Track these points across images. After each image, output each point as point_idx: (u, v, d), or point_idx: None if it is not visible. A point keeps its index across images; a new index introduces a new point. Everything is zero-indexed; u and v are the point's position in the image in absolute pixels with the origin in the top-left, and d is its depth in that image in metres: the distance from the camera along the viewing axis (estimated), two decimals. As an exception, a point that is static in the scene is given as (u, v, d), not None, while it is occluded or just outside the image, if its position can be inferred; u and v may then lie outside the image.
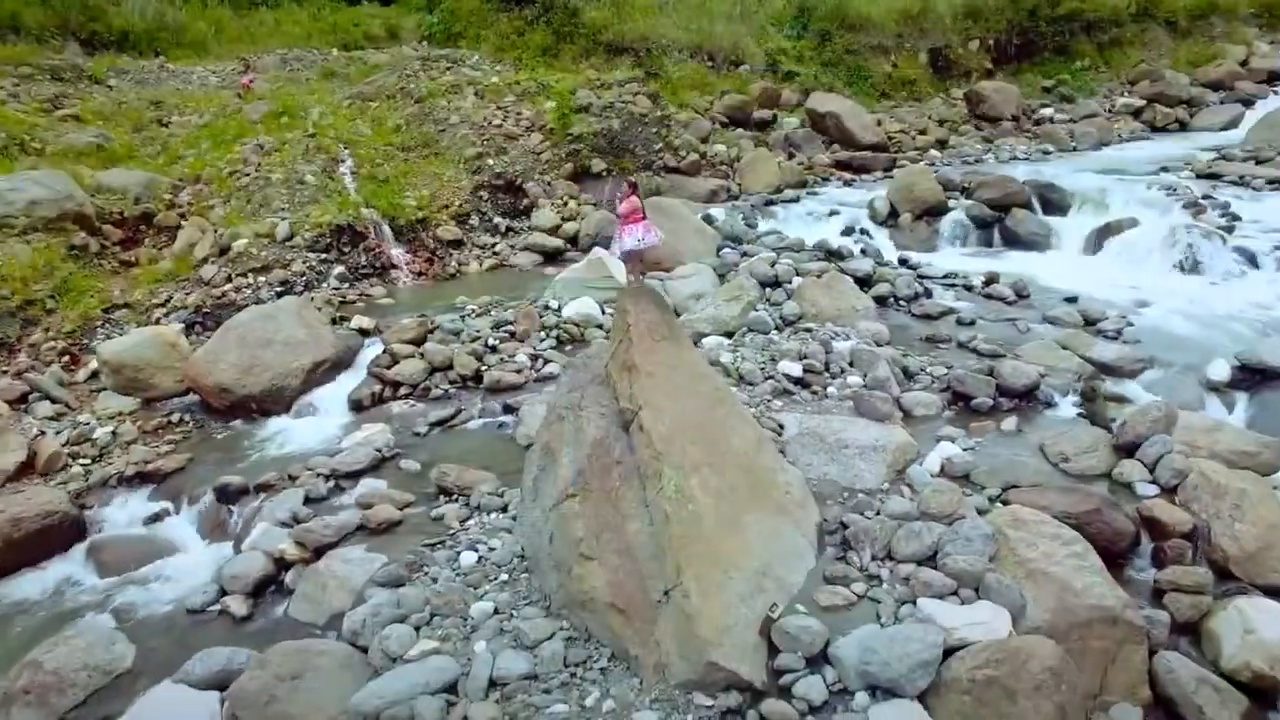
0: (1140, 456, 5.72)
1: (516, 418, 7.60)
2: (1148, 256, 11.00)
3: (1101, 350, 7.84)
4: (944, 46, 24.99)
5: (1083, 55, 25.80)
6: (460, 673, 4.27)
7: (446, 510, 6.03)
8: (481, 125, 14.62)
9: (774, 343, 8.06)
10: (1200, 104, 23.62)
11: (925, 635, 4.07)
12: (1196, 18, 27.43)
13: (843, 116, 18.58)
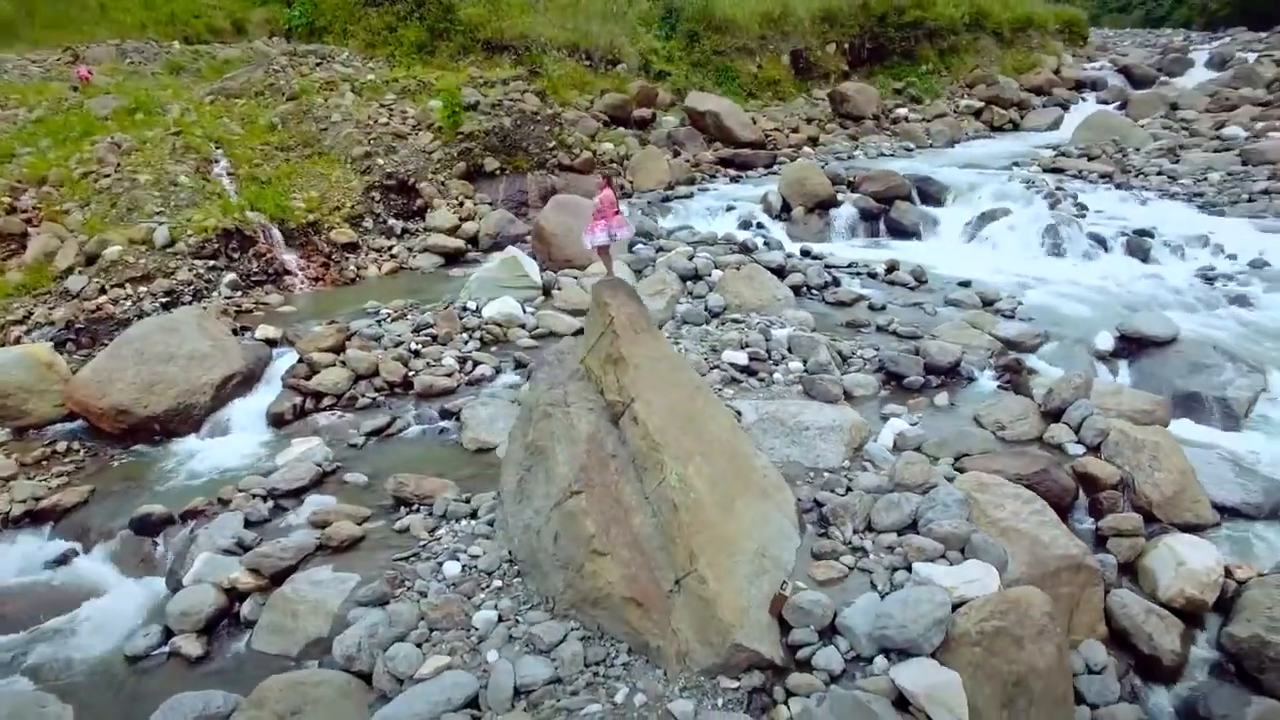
0: (1066, 420, 6.29)
1: (458, 422, 7.35)
2: (1019, 243, 12.08)
3: (1005, 328, 8.53)
4: (804, 49, 26.22)
5: (927, 60, 27.83)
6: (479, 686, 4.09)
7: (411, 521, 5.74)
8: (367, 124, 13.94)
9: (711, 333, 8.21)
10: (1028, 107, 26.10)
11: (933, 596, 4.31)
12: (1017, 30, 30.33)
13: (722, 115, 19.15)
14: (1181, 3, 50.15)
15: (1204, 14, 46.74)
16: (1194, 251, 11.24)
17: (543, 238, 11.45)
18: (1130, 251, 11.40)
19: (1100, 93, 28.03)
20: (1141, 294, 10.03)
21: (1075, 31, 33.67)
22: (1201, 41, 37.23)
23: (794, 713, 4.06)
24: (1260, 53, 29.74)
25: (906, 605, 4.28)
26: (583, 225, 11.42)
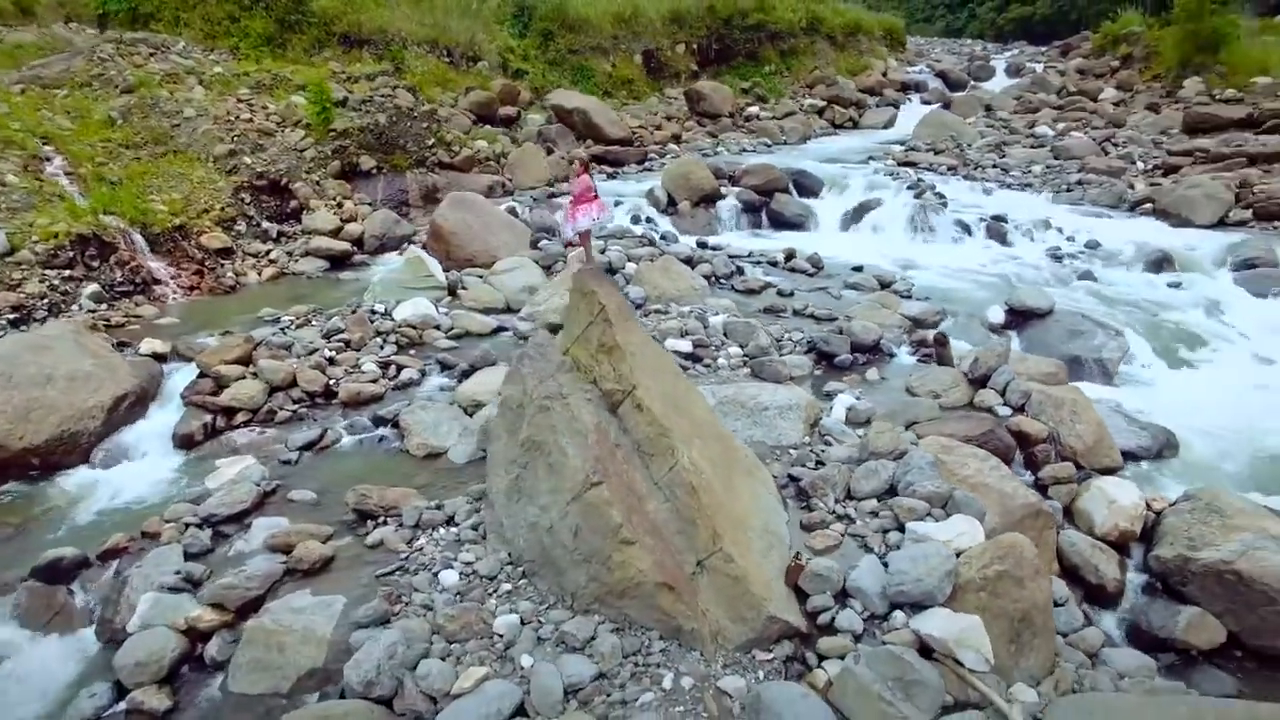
0: (993, 385, 6.87)
1: (396, 429, 6.97)
2: (894, 230, 13.01)
3: (908, 307, 9.17)
4: (655, 49, 26.79)
5: (770, 61, 29.23)
6: (523, 693, 3.93)
7: (383, 535, 5.38)
8: (226, 119, 12.80)
9: (646, 324, 8.25)
10: (865, 106, 28.08)
11: (939, 550, 4.60)
12: (848, 35, 32.55)
13: (590, 113, 19.22)
14: (975, 18, 55.93)
15: (994, 28, 52.30)
16: (1041, 235, 12.58)
17: (441, 237, 11.03)
18: (990, 235, 12.59)
19: (924, 94, 30.63)
20: (1008, 273, 11.13)
21: (895, 38, 36.60)
22: (996, 52, 41.59)
23: (832, 674, 4.19)
24: (1044, 63, 33.75)
25: (917, 561, 4.54)
26: (482, 223, 11.27)
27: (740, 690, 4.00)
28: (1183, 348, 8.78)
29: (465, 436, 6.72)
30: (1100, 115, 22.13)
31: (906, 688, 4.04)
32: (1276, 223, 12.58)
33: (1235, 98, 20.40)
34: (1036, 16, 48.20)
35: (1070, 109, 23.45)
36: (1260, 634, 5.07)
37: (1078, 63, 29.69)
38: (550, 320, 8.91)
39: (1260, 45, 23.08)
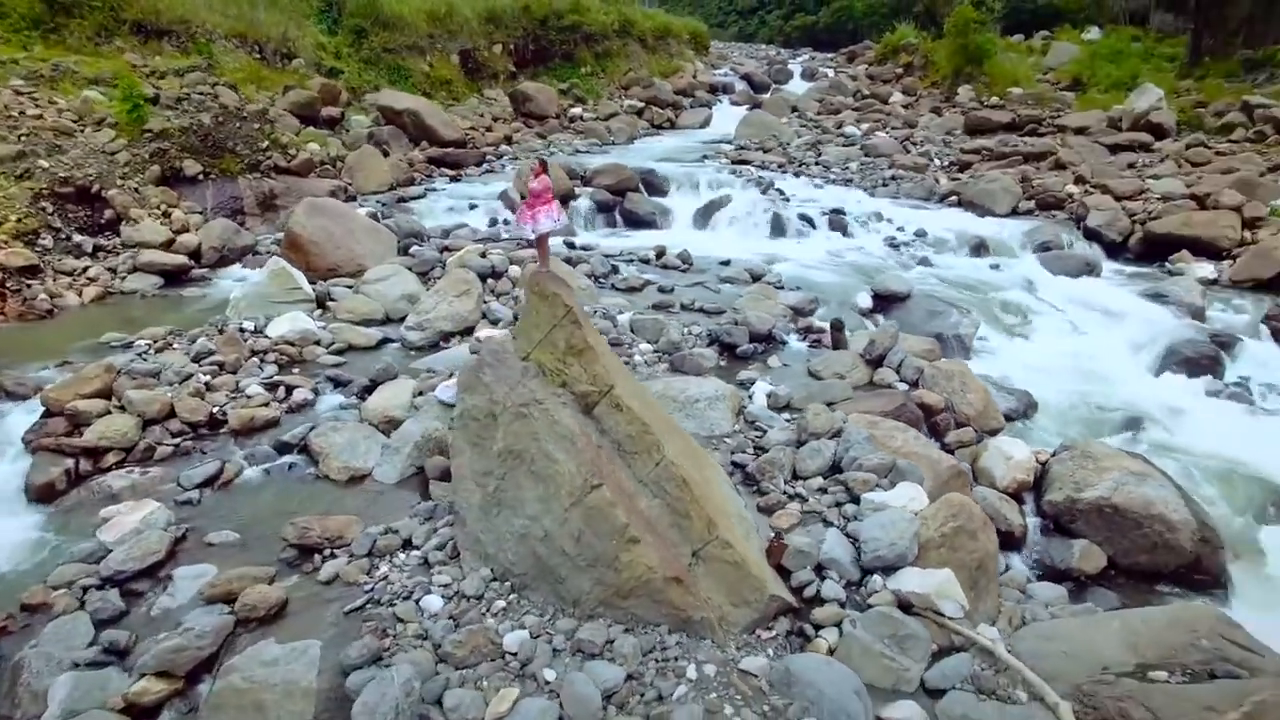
0: (888, 364, 7.52)
1: (307, 455, 6.43)
2: (745, 225, 13.71)
3: (786, 297, 9.74)
4: (472, 49, 26.28)
5: (585, 62, 29.56)
6: (559, 707, 3.83)
7: (337, 568, 4.97)
8: (6, 116, 10.99)
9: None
10: (680, 107, 29.19)
11: (903, 515, 5.01)
12: (659, 38, 33.67)
13: (423, 114, 18.53)
14: (765, 25, 59.87)
15: (781, 34, 56.28)
16: (875, 226, 13.80)
17: (299, 246, 10.21)
18: (832, 228, 13.62)
19: (732, 96, 32.39)
20: (857, 262, 12.12)
21: (700, 42, 38.35)
22: (790, 57, 44.80)
23: (831, 641, 4.45)
24: (835, 68, 36.90)
25: (886, 527, 4.93)
26: (345, 230, 10.60)
27: (763, 668, 4.15)
28: (1015, 321, 10.06)
29: (389, 455, 6.33)
30: (895, 117, 24.59)
31: (900, 642, 4.39)
32: (1054, 211, 14.67)
33: (999, 104, 23.47)
34: (819, 25, 52.57)
35: (868, 111, 25.82)
36: (1130, 554, 5.99)
37: (866, 69, 32.65)
38: (442, 328, 8.61)
39: (1009, 61, 26.66)
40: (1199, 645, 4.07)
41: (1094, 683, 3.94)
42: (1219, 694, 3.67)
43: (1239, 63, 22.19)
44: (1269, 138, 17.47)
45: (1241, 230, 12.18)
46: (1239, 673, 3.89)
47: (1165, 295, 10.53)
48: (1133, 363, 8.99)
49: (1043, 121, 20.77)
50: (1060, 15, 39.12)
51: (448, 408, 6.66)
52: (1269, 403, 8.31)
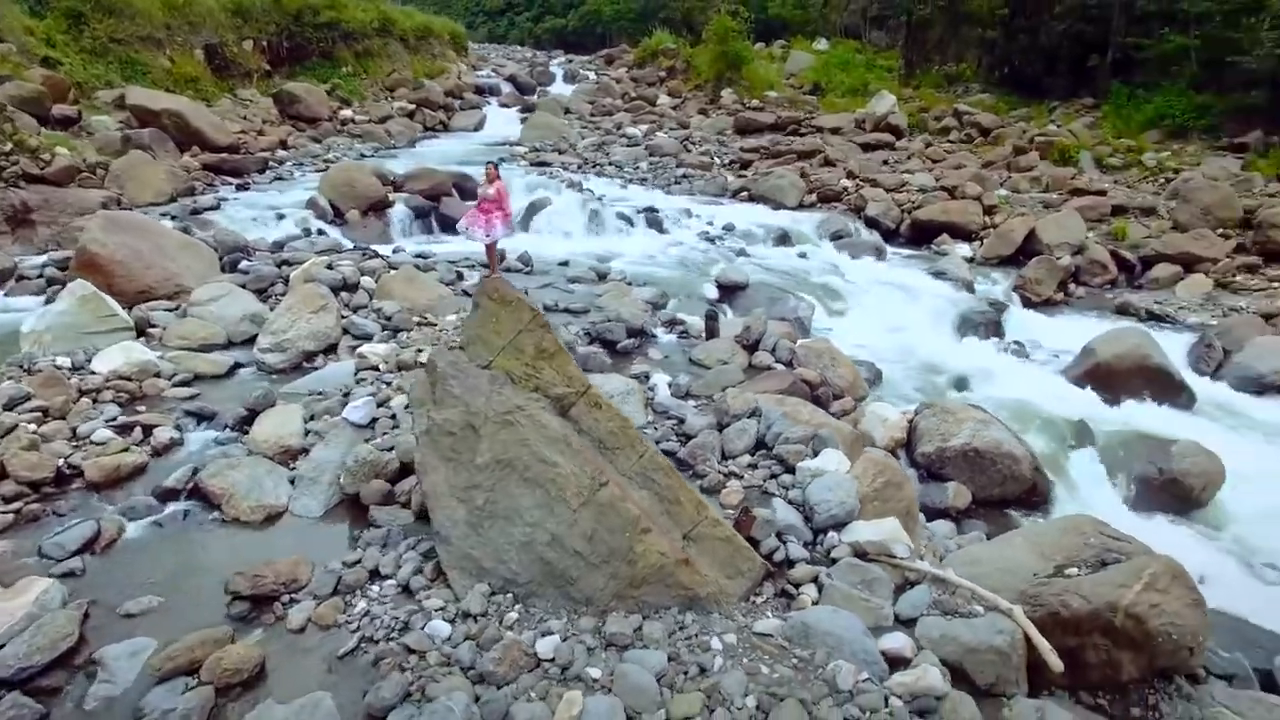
0: (764, 348, 8.22)
1: (202, 500, 5.75)
2: (569, 226, 13.95)
3: (640, 293, 10.17)
4: (220, 44, 23.91)
5: (346, 62, 28.01)
6: (620, 700, 3.91)
7: (308, 614, 4.57)
8: None
9: (439, 333, 7.92)
10: (452, 109, 28.60)
11: (843, 477, 5.63)
12: (420, 37, 32.63)
13: (187, 116, 16.58)
14: (515, 26, 59.96)
15: (532, 36, 56.79)
16: (687, 222, 14.71)
17: (97, 267, 8.81)
18: (650, 225, 14.30)
19: (500, 98, 32.28)
20: (681, 256, 12.87)
21: (458, 43, 37.69)
22: (548, 59, 45.37)
23: (812, 596, 4.94)
24: (595, 71, 38.09)
25: (833, 489, 5.51)
26: (154, 247, 9.43)
27: (776, 628, 4.51)
28: (835, 302, 11.33)
29: (306, 487, 5.85)
30: (667, 118, 26.06)
31: (869, 585, 4.98)
32: (834, 203, 16.58)
33: (759, 107, 25.80)
34: (569, 28, 53.79)
35: (640, 112, 27.10)
36: (987, 488, 7.17)
37: (628, 72, 34.07)
38: (305, 348, 7.99)
39: (763, 67, 29.36)
40: (1090, 544, 5.10)
41: (1034, 586, 4.80)
42: (1123, 573, 4.66)
43: (942, 76, 26.36)
44: (976, 139, 21.03)
45: (984, 216, 14.66)
46: (1121, 558, 4.95)
47: (944, 273, 12.43)
48: (938, 331, 10.57)
49: (801, 123, 23.20)
50: (788, 26, 43.57)
51: (360, 428, 6.30)
52: (1037, 355, 10.21)
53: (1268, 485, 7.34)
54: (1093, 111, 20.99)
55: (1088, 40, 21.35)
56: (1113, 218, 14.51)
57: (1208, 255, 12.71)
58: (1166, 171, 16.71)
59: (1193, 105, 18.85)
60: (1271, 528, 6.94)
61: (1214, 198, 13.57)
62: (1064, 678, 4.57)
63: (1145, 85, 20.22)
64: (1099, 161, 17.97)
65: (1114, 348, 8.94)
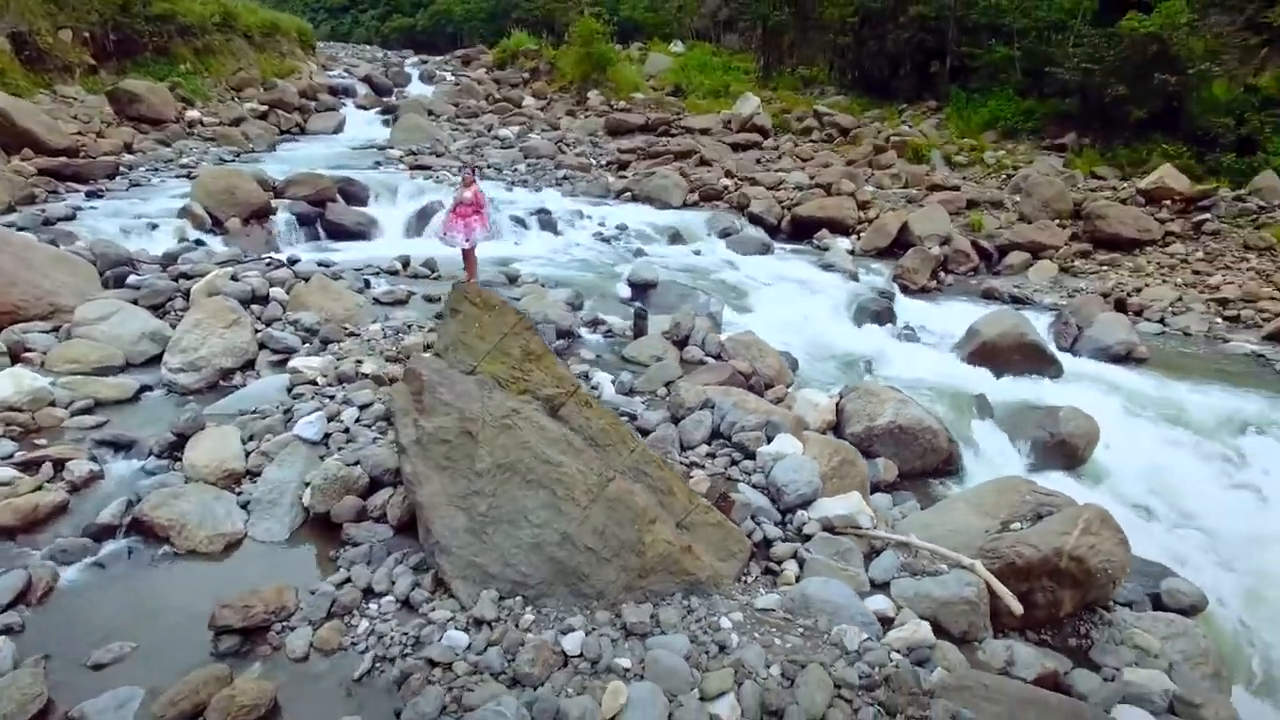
0: (693, 342, 8.53)
1: (146, 536, 5.35)
2: (466, 229, 13.70)
3: (556, 294, 10.22)
4: (29, 32, 21.57)
5: (184, 59, 26.00)
6: (660, 686, 4.05)
7: (308, 640, 4.39)
8: None
9: (375, 344, 7.67)
10: (308, 111, 27.14)
11: (804, 459, 6.01)
12: (266, 34, 30.68)
13: (13, 114, 14.84)
14: (359, 24, 57.40)
15: (379, 35, 54.66)
16: (580, 223, 14.83)
17: (-47, 288, 7.84)
18: (544, 228, 14.31)
19: (357, 99, 30.93)
20: (582, 257, 13.01)
21: (305, 40, 35.71)
22: (402, 59, 43.82)
23: (794, 571, 5.27)
24: (452, 72, 37.25)
25: (798, 471, 5.88)
26: (17, 262, 8.56)
27: (776, 602, 4.81)
28: (740, 297, 11.84)
29: (265, 510, 5.56)
30: (535, 119, 25.97)
31: (844, 555, 5.39)
32: (716, 202, 17.23)
33: (627, 108, 26.23)
34: (418, 27, 52.14)
35: (507, 114, 26.84)
36: (910, 461, 7.79)
37: (494, 74, 33.57)
38: (221, 365, 7.52)
39: (627, 69, 29.85)
40: (1025, 500, 5.74)
41: (989, 541, 5.35)
42: (1062, 522, 5.30)
43: (797, 78, 27.85)
44: (837, 139, 22.43)
45: (859, 211, 15.73)
46: (1054, 509, 5.62)
47: (831, 265, 13.27)
48: (838, 320, 11.29)
49: (671, 124, 23.83)
50: (640, 28, 44.41)
51: (314, 445, 6.04)
52: (927, 339, 11.15)
53: (1131, 441, 8.46)
54: (937, 113, 22.97)
55: (929, 48, 23.33)
56: (968, 211, 16.01)
57: (1051, 243, 14.33)
58: (1006, 169, 18.60)
59: (1020, 109, 21.07)
60: (1139, 476, 8.02)
61: (1051, 192, 15.30)
62: (1018, 619, 5.15)
63: (979, 90, 22.36)
64: (947, 159, 19.72)
65: (996, 328, 9.94)
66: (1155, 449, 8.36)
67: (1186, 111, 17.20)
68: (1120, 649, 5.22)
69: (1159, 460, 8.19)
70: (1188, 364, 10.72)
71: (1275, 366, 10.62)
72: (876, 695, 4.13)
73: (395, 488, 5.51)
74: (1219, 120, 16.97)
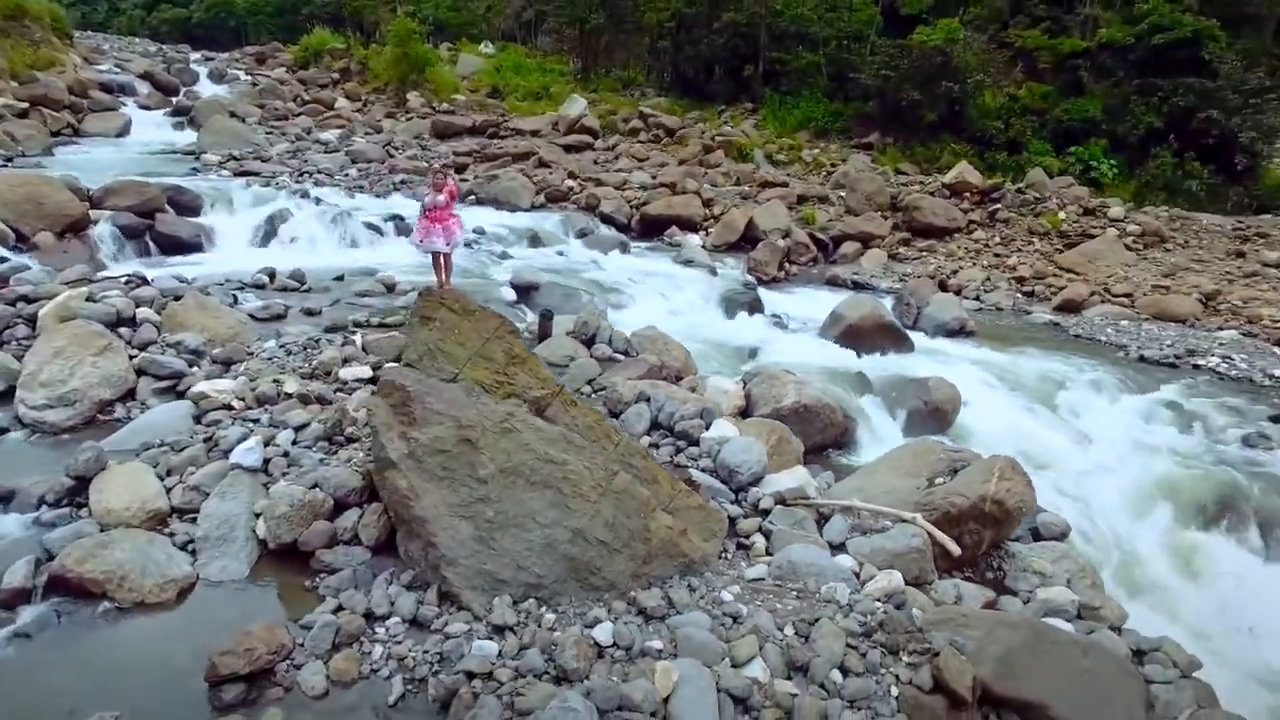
0: (600, 341, 8.73)
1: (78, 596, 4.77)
2: (317, 238, 12.94)
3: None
4: None
5: (-90, 48, 22.16)
6: (705, 662, 4.26)
7: (320, 675, 4.17)
8: None
9: (287, 363, 7.17)
10: (82, 110, 24.02)
11: (750, 441, 6.44)
12: (10, 18, 26.62)
13: None
14: (119, 13, 51.04)
15: (145, 26, 49.06)
16: (437, 227, 14.43)
17: None
18: (400, 233, 13.79)
19: (138, 98, 27.78)
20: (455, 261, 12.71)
21: (60, 29, 31.34)
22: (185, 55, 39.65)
23: (761, 543, 5.69)
24: (246, 70, 34.39)
25: (746, 452, 6.31)
26: None
27: (763, 571, 5.18)
28: (614, 295, 12.15)
29: (216, 547, 5.14)
30: (354, 122, 24.71)
31: (801, 524, 5.90)
32: (563, 204, 17.43)
33: (451, 110, 25.65)
34: (193, 20, 47.32)
35: (320, 117, 25.32)
36: (813, 436, 8.44)
37: (298, 74, 31.39)
38: (98, 397, 6.77)
39: (456, 69, 29.14)
40: (940, 459, 6.55)
41: (924, 496, 6.06)
42: (981, 472, 6.11)
43: (616, 80, 28.59)
44: (664, 139, 23.34)
45: (704, 208, 16.57)
46: (967, 463, 6.45)
47: (691, 260, 13.94)
48: (711, 312, 11.93)
49: (499, 126, 23.65)
50: (444, 28, 43.41)
51: (255, 472, 5.63)
52: (793, 325, 12.07)
53: (983, 402, 9.74)
54: (754, 114, 24.57)
55: (742, 53, 24.89)
56: (800, 206, 17.39)
57: (878, 233, 15.95)
58: (824, 166, 20.36)
59: (829, 111, 23.09)
60: (995, 432, 9.26)
61: (872, 187, 17.02)
62: (951, 560, 5.90)
63: (791, 93, 24.22)
64: (769, 157, 21.22)
65: (858, 311, 11.01)
66: (1001, 408, 9.70)
67: (967, 115, 19.78)
68: (1027, 575, 6.12)
69: (1007, 417, 9.52)
70: (1005, 334, 12.47)
71: (1069, 331, 12.63)
72: (877, 639, 4.61)
73: (362, 508, 5.31)
74: (991, 124, 19.67)
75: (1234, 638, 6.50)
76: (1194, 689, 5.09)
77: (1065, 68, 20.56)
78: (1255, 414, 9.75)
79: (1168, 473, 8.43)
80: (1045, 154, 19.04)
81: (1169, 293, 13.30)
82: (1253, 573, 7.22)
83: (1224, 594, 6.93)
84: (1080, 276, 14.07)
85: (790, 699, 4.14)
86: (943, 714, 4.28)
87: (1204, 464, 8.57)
